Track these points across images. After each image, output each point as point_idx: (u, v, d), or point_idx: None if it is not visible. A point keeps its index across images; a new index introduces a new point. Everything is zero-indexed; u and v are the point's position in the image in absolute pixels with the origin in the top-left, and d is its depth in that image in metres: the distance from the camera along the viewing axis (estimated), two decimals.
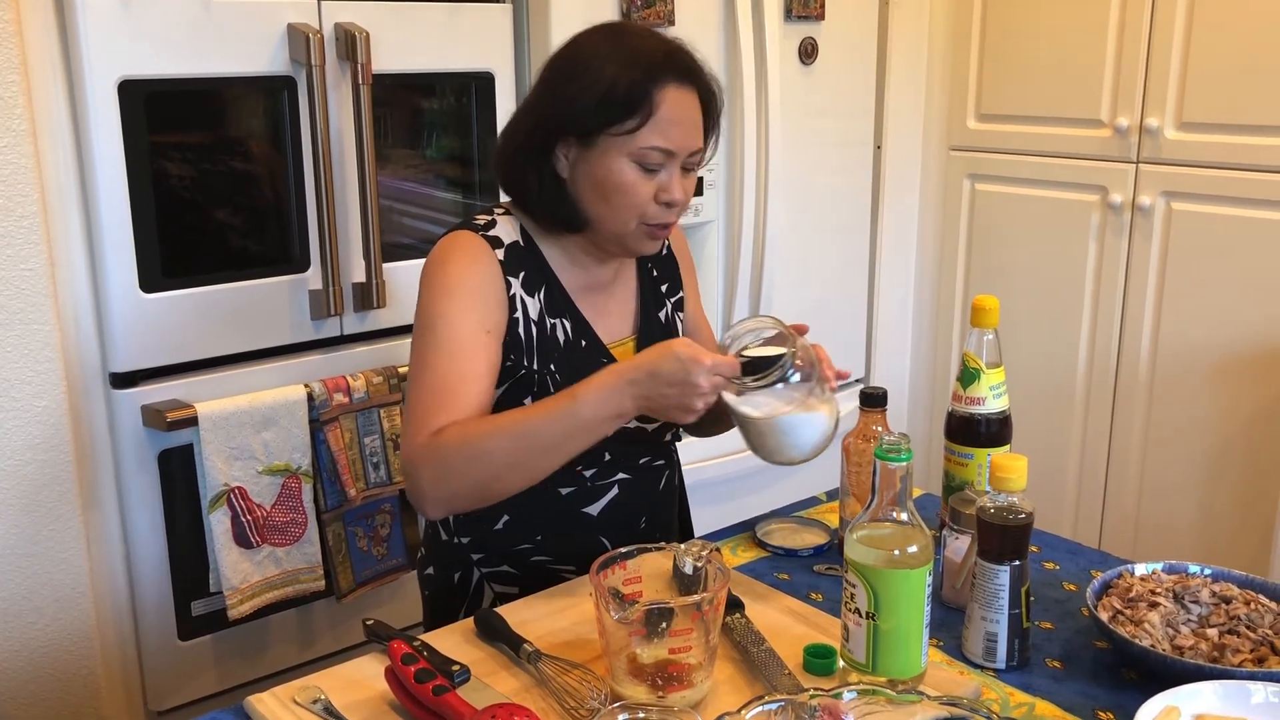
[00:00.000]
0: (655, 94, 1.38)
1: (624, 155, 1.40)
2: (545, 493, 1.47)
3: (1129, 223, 2.75)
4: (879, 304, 3.13)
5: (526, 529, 1.52)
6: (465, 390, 1.39)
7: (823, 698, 0.98)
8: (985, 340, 1.43)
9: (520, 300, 1.46)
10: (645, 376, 1.30)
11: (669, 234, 1.49)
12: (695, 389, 1.29)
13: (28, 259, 1.83)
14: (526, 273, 1.47)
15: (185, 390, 2.00)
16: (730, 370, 1.30)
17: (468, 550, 1.56)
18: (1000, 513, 1.22)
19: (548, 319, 1.48)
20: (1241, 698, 1.11)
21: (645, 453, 1.57)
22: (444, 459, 1.36)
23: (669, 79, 1.40)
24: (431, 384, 1.40)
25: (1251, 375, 2.59)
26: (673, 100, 1.40)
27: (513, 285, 1.45)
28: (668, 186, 1.42)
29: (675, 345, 1.31)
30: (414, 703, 1.12)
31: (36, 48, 1.81)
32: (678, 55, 1.43)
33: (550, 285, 1.49)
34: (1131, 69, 2.69)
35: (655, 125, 1.39)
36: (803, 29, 2.70)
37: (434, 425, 1.37)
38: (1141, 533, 2.84)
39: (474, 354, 1.40)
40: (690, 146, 1.43)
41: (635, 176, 1.41)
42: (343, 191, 2.12)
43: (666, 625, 1.12)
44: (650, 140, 1.39)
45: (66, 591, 1.95)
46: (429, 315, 1.42)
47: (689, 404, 1.30)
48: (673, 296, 1.65)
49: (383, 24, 2.10)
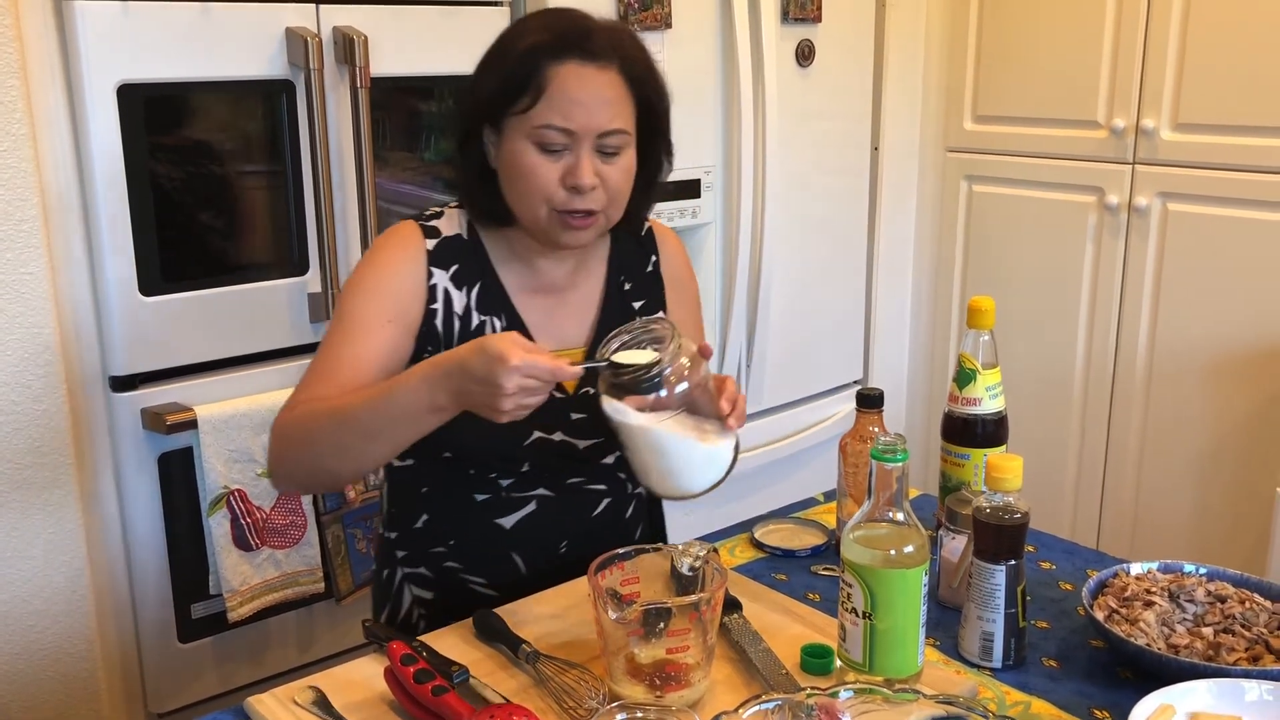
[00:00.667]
0: (546, 70, 1.32)
1: (524, 137, 1.34)
2: (461, 496, 1.46)
3: (1125, 224, 2.76)
4: (876, 305, 3.14)
5: (441, 531, 1.49)
6: (342, 372, 1.36)
7: (820, 697, 0.98)
8: (981, 341, 1.43)
9: (443, 292, 1.42)
10: (456, 369, 1.23)
11: (592, 224, 1.38)
12: (499, 390, 1.18)
13: (27, 263, 1.83)
14: (461, 266, 1.44)
15: (185, 393, 2.01)
16: (548, 374, 1.19)
17: (394, 547, 1.54)
18: (996, 513, 1.23)
19: (476, 315, 1.43)
20: (1236, 696, 1.12)
21: (576, 472, 1.49)
22: (284, 435, 1.36)
23: (565, 54, 1.33)
24: (315, 366, 1.39)
25: (1247, 375, 2.59)
26: (569, 76, 1.33)
27: (435, 275, 1.42)
28: (574, 169, 1.34)
29: (492, 339, 1.20)
30: (413, 703, 1.12)
31: (35, 52, 1.82)
32: (581, 32, 1.35)
33: (487, 282, 1.45)
34: (1127, 70, 2.70)
35: (549, 103, 1.33)
36: (799, 31, 2.71)
37: (298, 401, 1.37)
38: (1139, 532, 2.84)
39: (365, 340, 1.38)
40: (596, 126, 1.34)
41: (537, 159, 1.34)
42: (341, 194, 2.12)
43: (664, 625, 1.12)
44: (545, 118, 1.33)
45: (67, 594, 1.95)
46: (340, 303, 1.43)
47: (495, 404, 1.20)
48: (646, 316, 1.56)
49: (381, 27, 2.11)
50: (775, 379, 2.84)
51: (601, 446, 1.48)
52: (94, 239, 1.91)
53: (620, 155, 1.38)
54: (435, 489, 1.49)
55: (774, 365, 2.82)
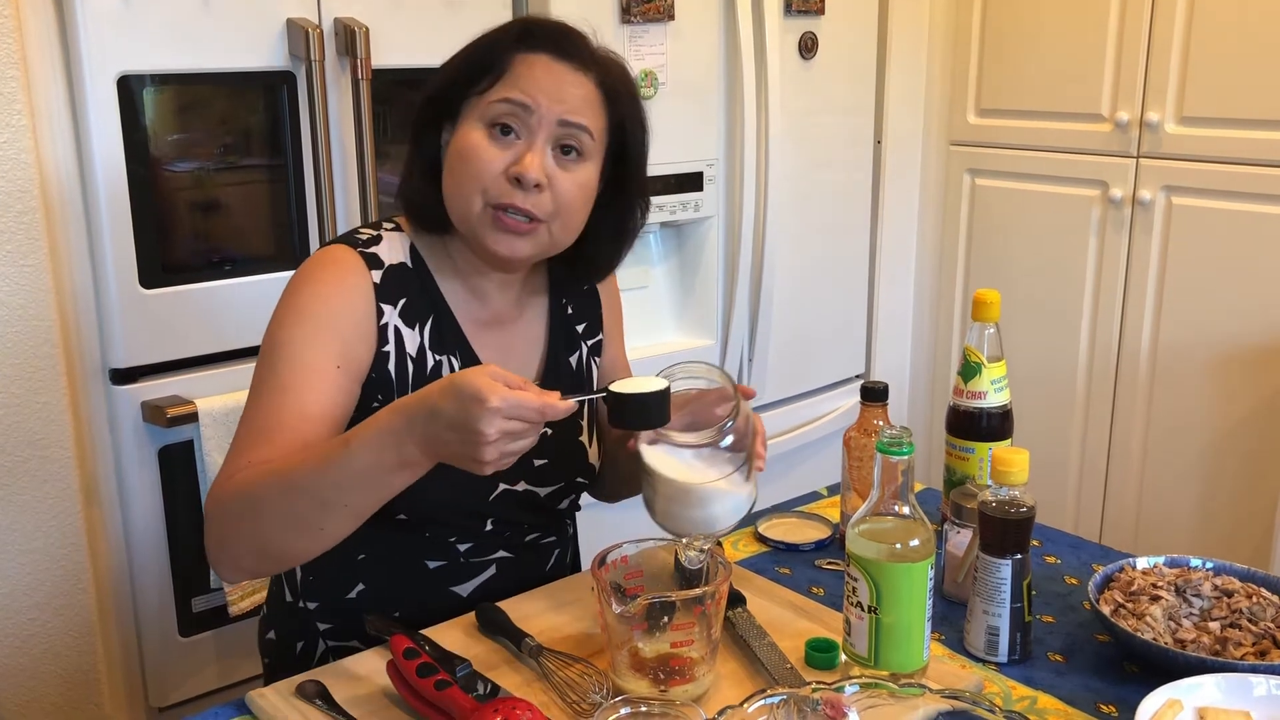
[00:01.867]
0: (514, 56, 1.24)
1: (477, 120, 1.24)
2: (410, 563, 1.32)
3: (1129, 217, 2.75)
4: (879, 299, 3.13)
5: (383, 602, 1.32)
6: (282, 432, 1.17)
7: (825, 691, 0.97)
8: (987, 334, 1.42)
9: (394, 332, 1.27)
10: (425, 415, 1.04)
11: (529, 233, 1.25)
12: (479, 437, 1.01)
13: (27, 255, 1.83)
14: (410, 300, 1.29)
15: (185, 386, 2.00)
16: (535, 413, 1.02)
17: (314, 618, 1.35)
18: (1002, 506, 1.22)
19: (431, 355, 1.29)
20: (1244, 691, 1.11)
21: (534, 525, 1.38)
22: (222, 509, 1.16)
23: (538, 48, 1.25)
24: (251, 422, 1.20)
25: (1252, 369, 2.59)
26: (537, 63, 1.24)
27: (385, 314, 1.26)
28: (520, 157, 1.22)
29: (466, 376, 1.02)
30: (416, 697, 1.11)
31: (36, 43, 1.81)
32: (560, 32, 1.27)
33: (439, 316, 1.30)
34: (1132, 63, 2.69)
35: (510, 79, 1.23)
36: (803, 24, 2.70)
37: (237, 469, 1.16)
38: (1142, 526, 2.84)
39: (309, 391, 1.19)
40: (556, 111, 1.22)
41: (484, 142, 1.23)
42: (342, 187, 2.12)
43: (668, 619, 1.12)
44: (501, 94, 1.23)
45: (67, 588, 1.95)
46: (272, 341, 1.23)
47: (475, 454, 1.03)
48: (590, 339, 1.45)
49: (382, 19, 2.10)
50: (778, 373, 2.84)
51: (560, 492, 1.38)
52: (94, 231, 1.90)
53: (580, 163, 1.27)
54: (377, 557, 1.33)
55: (776, 359, 2.82)
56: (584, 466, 1.41)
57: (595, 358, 1.46)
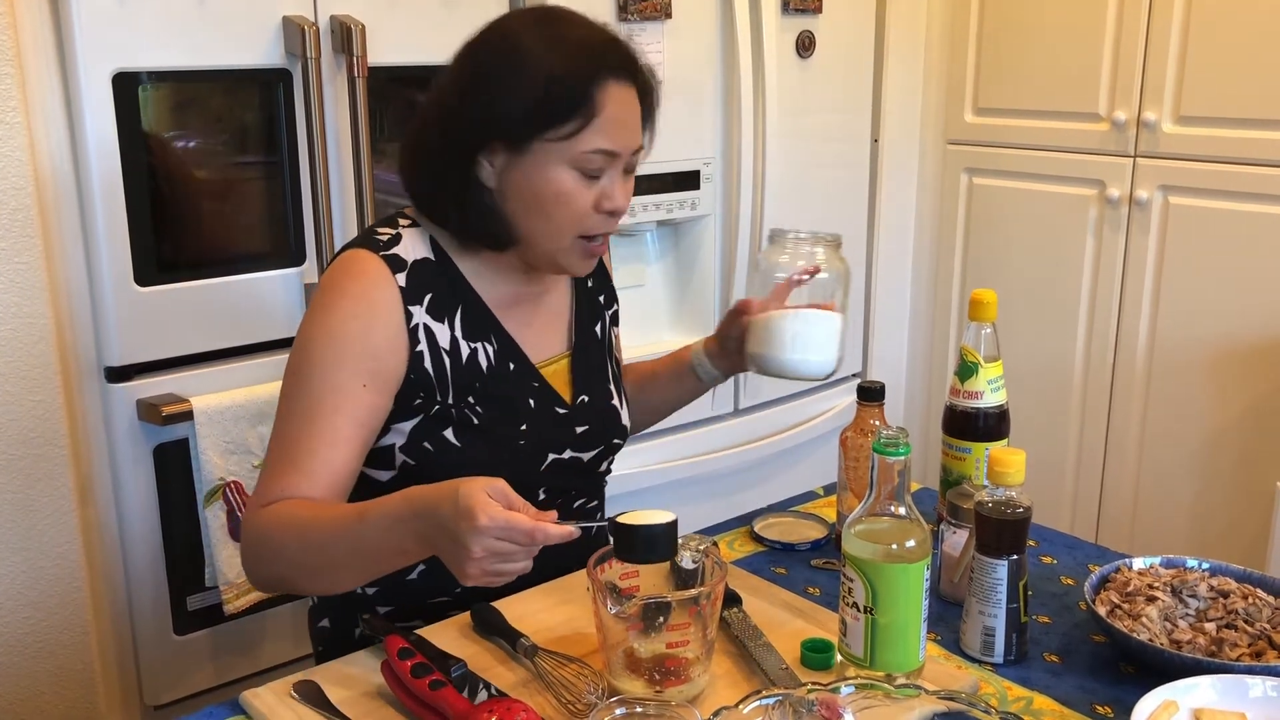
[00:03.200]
0: (597, 93, 1.25)
1: (563, 162, 1.26)
2: None
3: (1126, 217, 2.75)
4: (876, 298, 3.13)
5: (445, 580, 1.27)
6: (312, 460, 1.23)
7: (820, 692, 0.97)
8: (983, 334, 1.42)
9: (424, 330, 1.30)
10: (426, 511, 1.09)
11: (604, 249, 1.35)
12: (465, 552, 1.05)
13: (22, 252, 1.82)
14: (436, 294, 1.32)
15: (180, 384, 2.00)
16: (524, 537, 1.05)
17: (374, 602, 1.40)
18: (998, 507, 1.22)
19: (465, 344, 1.33)
20: (1239, 692, 1.11)
21: (581, 491, 1.45)
22: (256, 543, 1.23)
23: (609, 75, 1.26)
24: (282, 443, 1.26)
25: (1248, 368, 2.59)
26: (614, 98, 1.26)
27: (414, 316, 1.29)
28: (610, 193, 1.29)
29: (468, 488, 1.05)
30: (410, 697, 1.11)
31: (31, 40, 1.80)
32: (616, 47, 1.29)
33: (468, 304, 1.34)
34: (1129, 63, 2.69)
35: (598, 127, 1.25)
36: (800, 22, 2.70)
37: (270, 495, 1.23)
38: (1138, 526, 2.84)
39: (338, 415, 1.24)
40: (633, 145, 1.30)
41: (575, 185, 1.27)
42: (338, 185, 2.11)
43: (664, 619, 1.12)
44: (593, 143, 1.25)
45: (62, 586, 1.94)
46: (303, 356, 1.27)
47: (460, 566, 1.07)
48: (609, 309, 1.53)
49: (379, 16, 2.10)
50: None
51: (600, 455, 1.45)
52: (89, 229, 1.89)
53: (634, 171, 1.35)
54: None
55: None
56: (619, 428, 1.49)
57: (614, 327, 1.54)
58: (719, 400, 2.73)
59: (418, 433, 1.32)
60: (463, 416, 1.32)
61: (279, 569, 1.23)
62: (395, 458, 1.34)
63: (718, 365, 1.57)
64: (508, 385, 1.36)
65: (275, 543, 1.21)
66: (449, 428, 1.32)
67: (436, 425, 1.32)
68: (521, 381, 1.37)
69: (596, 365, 1.48)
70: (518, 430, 1.36)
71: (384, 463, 1.34)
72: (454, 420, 1.32)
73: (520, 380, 1.37)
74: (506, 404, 1.35)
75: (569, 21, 1.32)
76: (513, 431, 1.35)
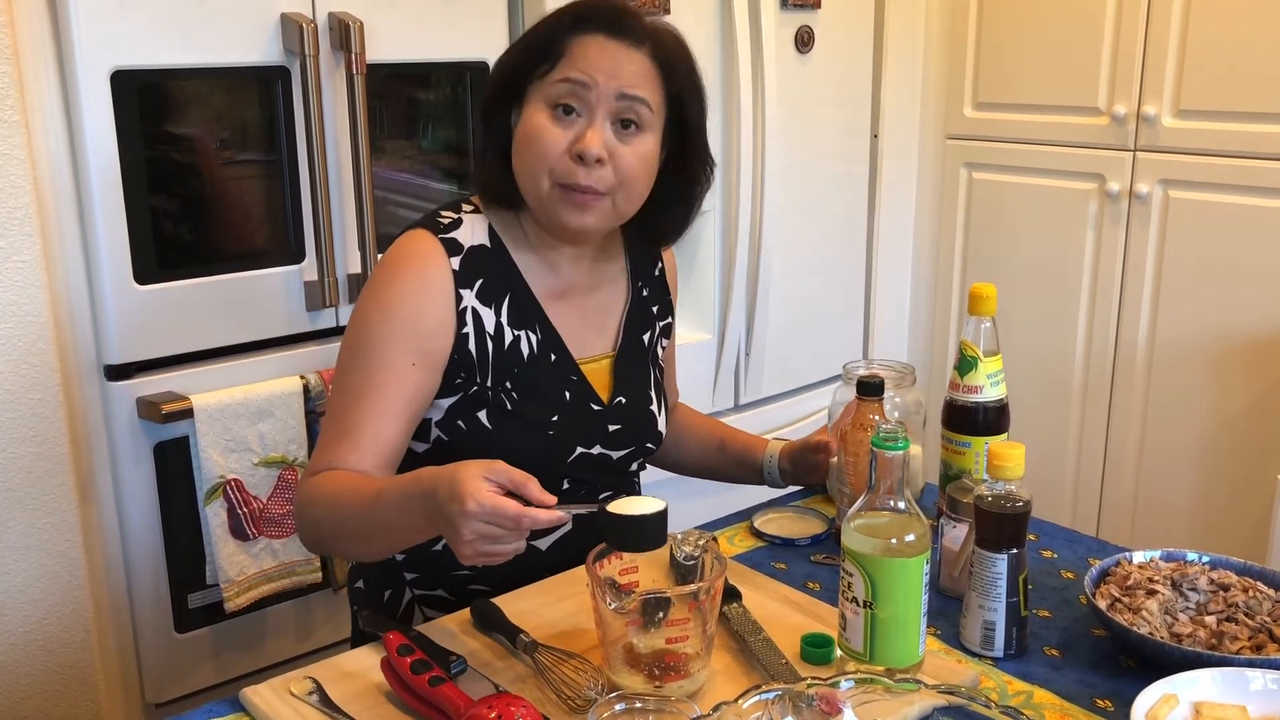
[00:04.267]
0: (573, 36, 1.31)
1: (541, 101, 1.32)
2: None
3: (1126, 211, 2.74)
4: (876, 292, 3.13)
5: None
6: (363, 432, 1.30)
7: (820, 686, 0.97)
8: (983, 328, 1.42)
9: (472, 313, 1.36)
10: (429, 492, 1.14)
11: (595, 204, 1.33)
12: (456, 534, 1.10)
13: (21, 250, 1.82)
14: (487, 280, 1.37)
15: (180, 382, 2.00)
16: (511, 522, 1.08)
17: (401, 568, 1.46)
18: (998, 501, 1.22)
19: (509, 331, 1.38)
20: (1241, 685, 1.11)
21: (607, 484, 1.47)
22: (301, 509, 1.32)
23: (593, 28, 1.31)
24: (335, 415, 1.33)
25: (1248, 362, 2.58)
26: (594, 42, 1.31)
27: (464, 298, 1.35)
28: (582, 134, 1.30)
29: (463, 471, 1.10)
30: (410, 694, 1.11)
31: (28, 38, 1.80)
32: (613, 10, 1.33)
33: (517, 293, 1.39)
34: (1128, 56, 2.68)
35: (569, 60, 1.31)
36: (799, 17, 2.69)
37: (321, 464, 1.31)
38: (1138, 520, 2.84)
39: (388, 389, 1.31)
40: (614, 86, 1.30)
41: (548, 123, 1.31)
42: (337, 182, 2.11)
43: (663, 615, 1.12)
44: (562, 72, 1.30)
45: (62, 585, 1.95)
46: (361, 330, 1.34)
47: (455, 546, 1.12)
48: (662, 320, 1.57)
49: (377, 13, 2.09)
50: (774, 366, 2.84)
51: (630, 455, 1.49)
52: (88, 226, 1.89)
53: (640, 135, 1.33)
54: None
55: (773, 353, 2.81)
56: (654, 434, 1.52)
57: (663, 339, 1.58)
58: (720, 395, 2.73)
59: (454, 410, 1.37)
60: (498, 400, 1.37)
61: (318, 534, 1.32)
62: (431, 431, 1.39)
63: (785, 478, 1.64)
64: (546, 376, 1.40)
65: (315, 511, 1.29)
66: (483, 409, 1.37)
67: (472, 405, 1.37)
68: (560, 374, 1.42)
69: (639, 370, 1.51)
70: (549, 420, 1.39)
71: (422, 435, 1.40)
72: (489, 403, 1.37)
73: (559, 373, 1.41)
74: (542, 393, 1.39)
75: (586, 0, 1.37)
76: (544, 421, 1.39)
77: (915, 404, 1.56)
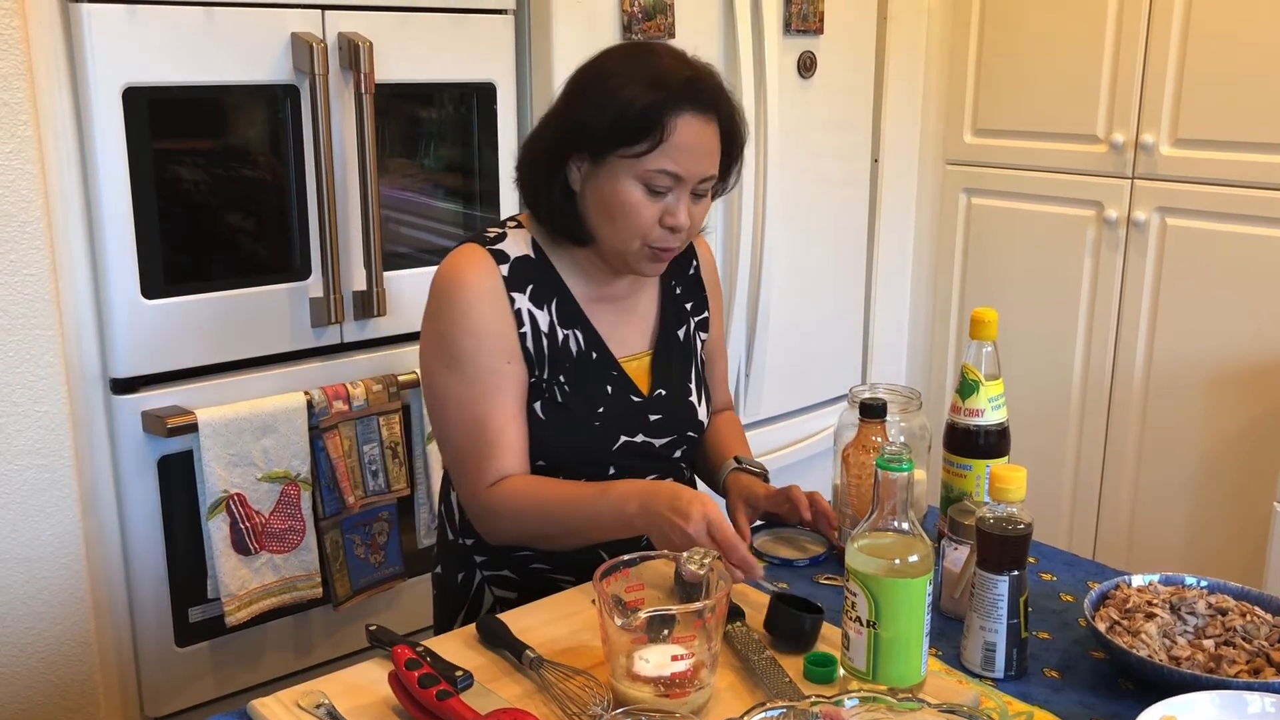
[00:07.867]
0: (668, 120, 1.39)
1: (632, 176, 1.41)
2: None
3: (1124, 238, 2.77)
4: (875, 316, 3.14)
5: None
6: (506, 436, 1.45)
7: (824, 705, 0.98)
8: (984, 352, 1.44)
9: (527, 314, 1.48)
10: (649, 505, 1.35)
11: (670, 257, 1.49)
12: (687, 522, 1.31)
13: (30, 264, 1.83)
14: (535, 285, 1.49)
15: (185, 397, 2.01)
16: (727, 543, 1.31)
17: (471, 552, 1.59)
18: (999, 523, 1.23)
19: (560, 330, 1.50)
20: (1239, 708, 1.12)
21: (652, 469, 1.57)
22: (497, 516, 1.46)
23: (685, 106, 1.40)
24: (468, 433, 1.45)
25: (1245, 389, 2.60)
26: (686, 127, 1.40)
27: (517, 300, 1.47)
28: (674, 210, 1.43)
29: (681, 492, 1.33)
30: (417, 707, 1.12)
31: (42, 55, 1.82)
32: (698, 82, 1.43)
33: (561, 296, 1.51)
34: (1127, 85, 2.71)
35: (665, 150, 1.39)
36: (801, 43, 2.72)
37: (488, 476, 1.45)
38: (1135, 544, 2.85)
39: (503, 393, 1.45)
40: (700, 173, 1.43)
41: (641, 198, 1.42)
42: (344, 200, 2.13)
43: (669, 632, 1.13)
44: (659, 164, 1.40)
45: (65, 597, 1.95)
46: (452, 350, 1.45)
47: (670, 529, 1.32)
48: (696, 315, 1.66)
49: (386, 34, 2.12)
50: (774, 388, 2.85)
51: (672, 443, 1.58)
52: (97, 241, 1.91)
53: (706, 196, 1.48)
54: None
55: (773, 374, 2.83)
56: (695, 422, 1.63)
57: (701, 333, 1.67)
58: None
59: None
60: (550, 393, 1.49)
61: (518, 534, 1.47)
62: None
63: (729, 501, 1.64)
64: (591, 372, 1.52)
65: (518, 515, 1.44)
66: (538, 400, 1.49)
67: (530, 396, 1.49)
68: (602, 371, 1.53)
69: (678, 364, 1.62)
70: (594, 412, 1.51)
71: None
72: (543, 395, 1.49)
73: (601, 369, 1.53)
74: (587, 388, 1.51)
75: (659, 54, 1.46)
76: (590, 412, 1.51)
77: (921, 429, 1.57)
